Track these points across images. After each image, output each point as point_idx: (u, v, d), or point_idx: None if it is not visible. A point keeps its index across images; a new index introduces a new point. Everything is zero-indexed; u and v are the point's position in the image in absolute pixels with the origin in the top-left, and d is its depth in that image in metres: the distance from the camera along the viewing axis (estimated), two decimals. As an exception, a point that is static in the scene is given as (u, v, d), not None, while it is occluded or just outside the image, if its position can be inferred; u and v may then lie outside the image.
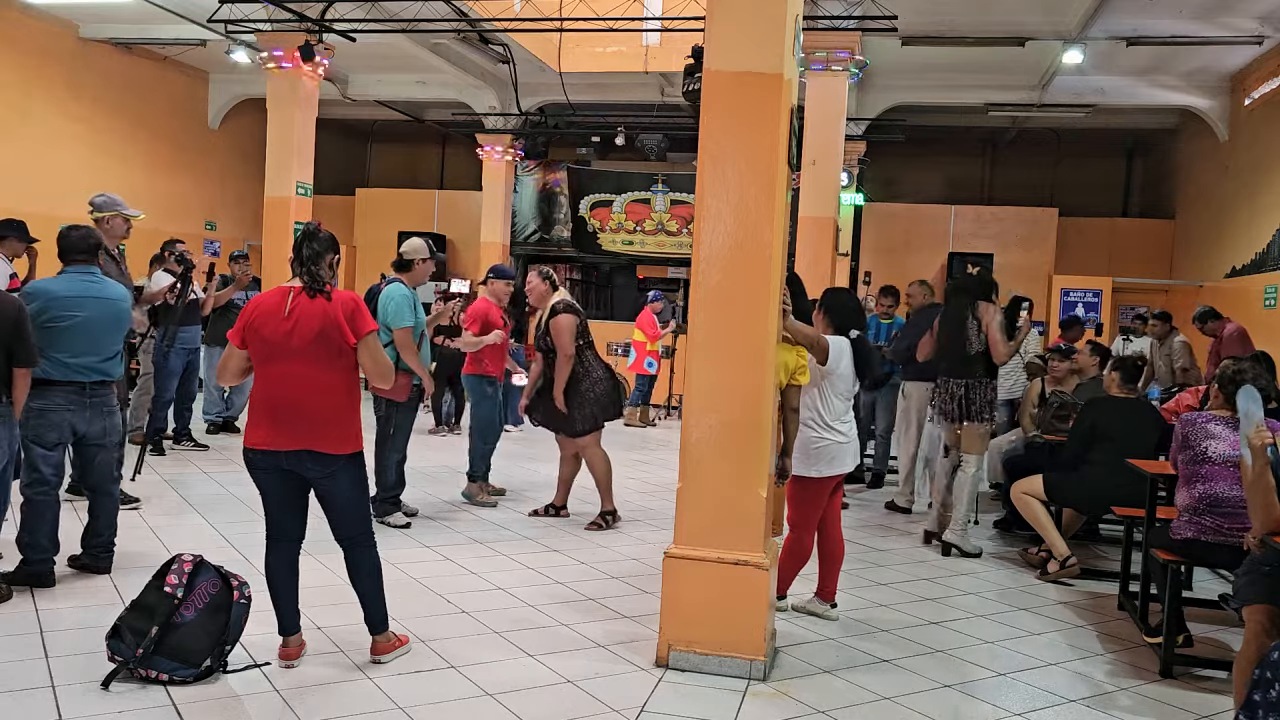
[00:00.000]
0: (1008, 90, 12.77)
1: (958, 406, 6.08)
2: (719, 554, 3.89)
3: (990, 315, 6.04)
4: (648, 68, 12.71)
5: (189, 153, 14.51)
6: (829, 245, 9.58)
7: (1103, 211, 15.95)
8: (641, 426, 11.95)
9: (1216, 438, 4.30)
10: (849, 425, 4.74)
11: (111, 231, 5.99)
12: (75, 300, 4.61)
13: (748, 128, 3.87)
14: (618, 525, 6.37)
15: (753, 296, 3.90)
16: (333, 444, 3.63)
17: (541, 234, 16.84)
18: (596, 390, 6.29)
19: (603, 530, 6.28)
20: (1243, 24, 10.03)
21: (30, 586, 4.46)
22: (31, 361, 4.28)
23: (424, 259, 6.15)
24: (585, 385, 6.26)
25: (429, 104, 15.59)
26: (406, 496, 6.43)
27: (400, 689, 3.61)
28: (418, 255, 6.14)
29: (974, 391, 6.05)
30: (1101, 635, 4.77)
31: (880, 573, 5.69)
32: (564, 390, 6.20)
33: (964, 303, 6.16)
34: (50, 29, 12.03)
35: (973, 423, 6.08)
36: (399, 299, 5.81)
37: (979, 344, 6.04)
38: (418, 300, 6.04)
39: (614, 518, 6.42)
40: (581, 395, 6.25)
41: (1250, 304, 11.07)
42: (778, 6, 3.83)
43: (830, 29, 9.18)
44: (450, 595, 4.79)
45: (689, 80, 8.01)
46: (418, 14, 10.08)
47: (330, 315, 3.61)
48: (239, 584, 3.75)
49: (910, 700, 3.79)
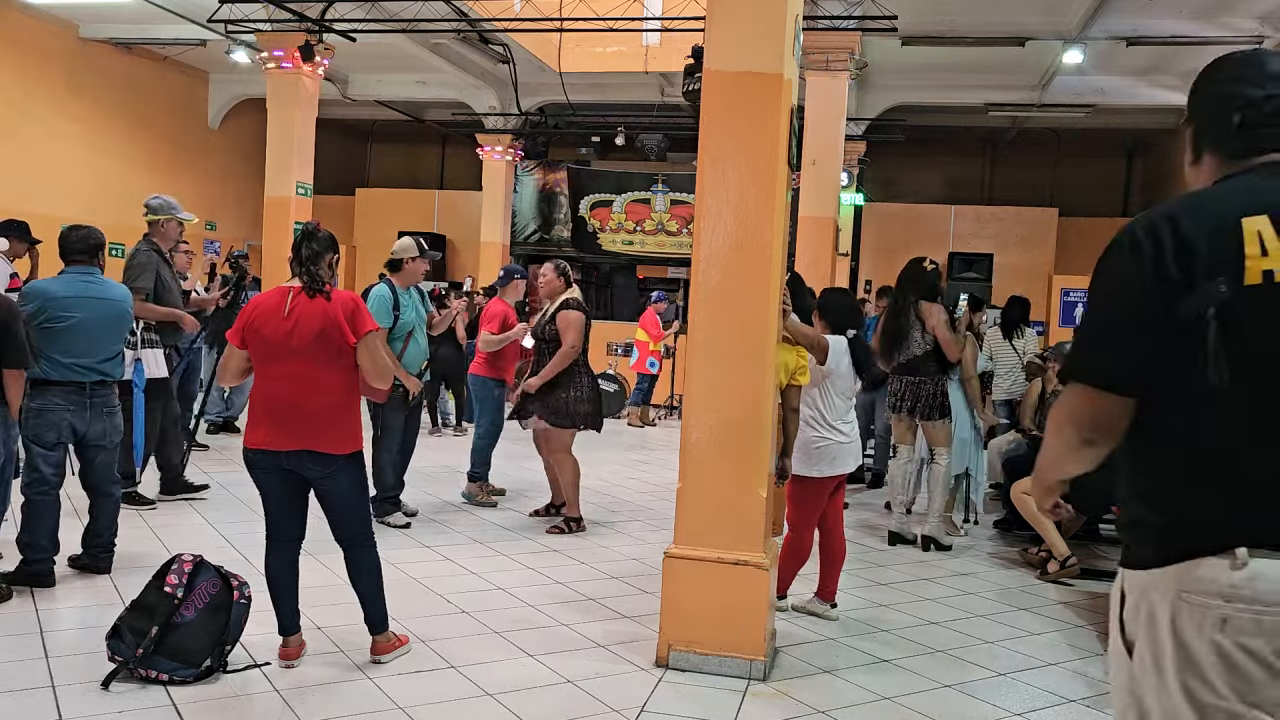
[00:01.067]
0: (1008, 90, 12.77)
1: (906, 403, 6.17)
2: (719, 554, 3.89)
3: (935, 315, 6.09)
4: (648, 68, 12.71)
5: (189, 153, 14.50)
6: (829, 245, 9.59)
7: (1103, 211, 15.94)
8: (641, 426, 11.95)
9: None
10: (851, 425, 4.74)
11: (165, 235, 6.06)
12: (72, 300, 4.60)
13: (748, 128, 3.87)
14: (580, 533, 6.21)
15: (753, 296, 3.90)
16: (332, 444, 3.63)
17: (541, 234, 16.85)
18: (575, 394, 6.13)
19: (564, 535, 6.14)
20: (1243, 24, 10.03)
21: (30, 586, 4.46)
22: (22, 363, 4.26)
23: (413, 257, 6.03)
24: (571, 392, 6.12)
25: (429, 104, 15.59)
26: (406, 496, 6.43)
27: (400, 689, 3.61)
28: (406, 254, 6.03)
29: (923, 389, 6.11)
30: (1101, 635, 4.76)
31: (880, 573, 5.69)
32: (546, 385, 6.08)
33: (905, 296, 6.17)
34: (50, 29, 12.03)
35: (927, 421, 6.15)
36: (376, 300, 5.77)
37: (925, 343, 6.09)
38: (409, 300, 6.00)
39: (578, 525, 6.26)
40: (565, 395, 6.12)
41: (1250, 304, 11.06)
42: (778, 6, 3.83)
43: (830, 29, 9.19)
44: (450, 595, 4.79)
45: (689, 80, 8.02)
46: (418, 14, 10.08)
47: (330, 315, 3.62)
48: (239, 584, 3.75)
49: (910, 700, 3.79)
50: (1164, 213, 1.68)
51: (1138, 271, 1.65)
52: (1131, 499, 1.80)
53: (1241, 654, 1.58)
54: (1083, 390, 1.72)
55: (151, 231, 6.09)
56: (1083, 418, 1.73)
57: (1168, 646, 1.65)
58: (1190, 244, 1.62)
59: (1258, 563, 1.58)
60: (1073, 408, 1.74)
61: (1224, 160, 1.79)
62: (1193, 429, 1.66)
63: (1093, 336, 1.75)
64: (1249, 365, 1.60)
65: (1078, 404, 1.73)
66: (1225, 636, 1.59)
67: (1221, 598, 1.59)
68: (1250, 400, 1.61)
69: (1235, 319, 1.59)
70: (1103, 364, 1.71)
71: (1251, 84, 1.76)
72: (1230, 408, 1.62)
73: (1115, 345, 1.69)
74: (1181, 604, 1.63)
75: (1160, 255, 1.63)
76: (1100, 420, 1.71)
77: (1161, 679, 1.66)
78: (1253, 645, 1.58)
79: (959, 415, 6.53)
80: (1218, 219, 1.64)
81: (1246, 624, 1.58)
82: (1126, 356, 1.67)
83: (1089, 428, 1.73)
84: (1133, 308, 1.66)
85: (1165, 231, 1.65)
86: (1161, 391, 1.67)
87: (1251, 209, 1.63)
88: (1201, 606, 1.61)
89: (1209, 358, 1.59)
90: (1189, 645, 1.62)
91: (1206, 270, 1.60)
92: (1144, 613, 1.69)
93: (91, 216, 6.26)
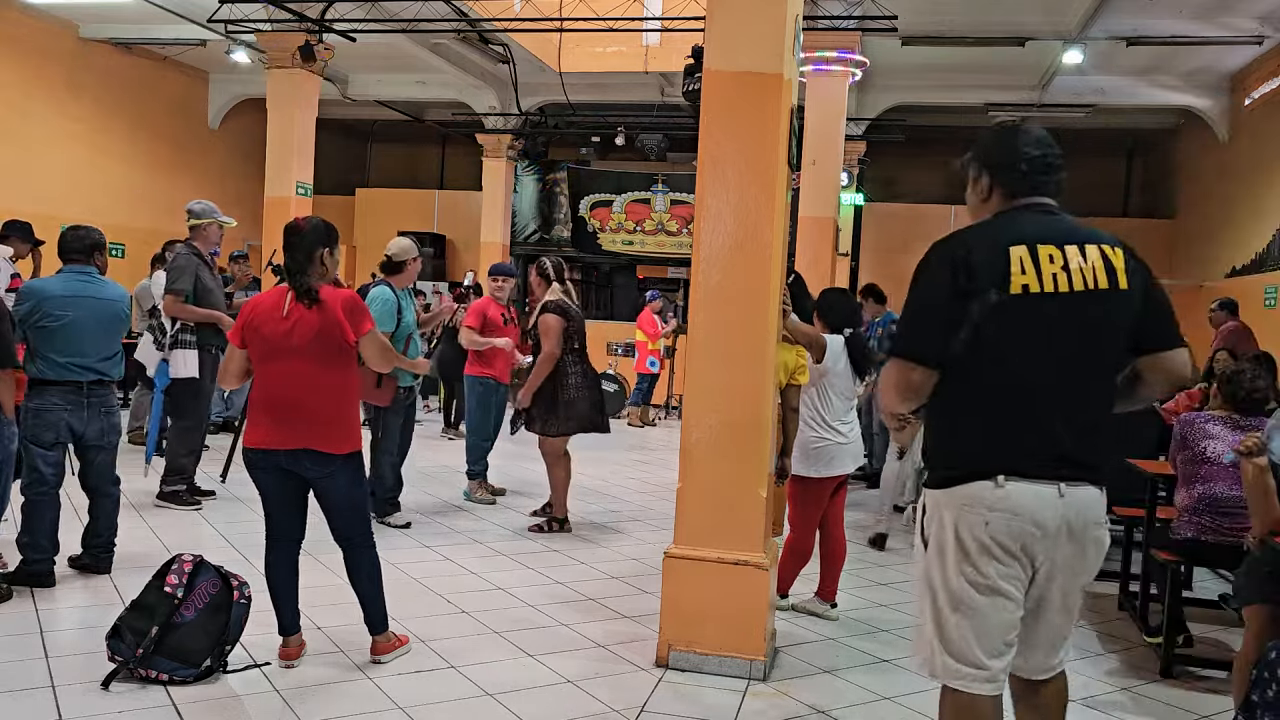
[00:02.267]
0: (1008, 90, 12.76)
1: None
2: (719, 554, 3.89)
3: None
4: (648, 68, 12.70)
5: (189, 153, 14.49)
6: (829, 245, 9.59)
7: (1103, 211, 15.91)
8: (641, 426, 11.95)
9: (1215, 438, 4.30)
10: (850, 425, 4.73)
11: (206, 238, 6.19)
12: (67, 300, 4.58)
13: (748, 128, 3.87)
14: (564, 533, 6.17)
15: (753, 296, 3.89)
16: (331, 443, 3.63)
17: (541, 234, 16.84)
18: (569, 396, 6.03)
19: (544, 534, 6.12)
20: (1243, 24, 10.02)
21: (30, 586, 4.46)
22: (7, 362, 4.26)
23: (414, 258, 6.00)
24: (560, 393, 6.01)
25: (429, 104, 15.58)
26: (406, 497, 6.43)
27: (400, 689, 3.61)
28: (408, 255, 5.96)
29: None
30: (1101, 635, 4.76)
31: (880, 573, 5.69)
32: (538, 390, 6.00)
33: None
34: (50, 29, 12.03)
35: None
36: (380, 304, 5.69)
37: None
38: (408, 301, 5.96)
39: (561, 525, 6.22)
40: (552, 400, 6.02)
41: (1250, 304, 11.05)
42: (778, 6, 3.83)
43: (830, 29, 9.19)
44: (450, 595, 4.79)
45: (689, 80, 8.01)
46: (418, 14, 10.08)
47: (330, 313, 3.61)
48: (239, 584, 3.75)
49: (910, 700, 3.79)
50: (960, 240, 2.38)
51: (942, 283, 2.33)
52: (934, 437, 2.49)
53: (997, 546, 2.33)
54: (903, 364, 2.40)
55: (192, 235, 6.21)
56: (902, 383, 2.40)
57: (950, 542, 2.37)
58: (975, 265, 2.31)
59: (1010, 485, 2.31)
60: (895, 376, 2.42)
61: (1006, 198, 2.46)
62: (972, 395, 2.37)
63: (910, 328, 2.44)
64: (1007, 351, 2.32)
65: (899, 373, 2.41)
66: (987, 534, 2.32)
67: (986, 508, 2.32)
68: (1007, 376, 2.33)
69: (1001, 319, 2.30)
70: (917, 347, 2.39)
71: (1029, 146, 2.45)
72: (994, 380, 2.35)
73: (925, 335, 2.38)
74: (961, 513, 2.35)
75: (956, 272, 2.31)
76: (914, 386, 2.39)
77: (944, 563, 2.39)
78: (1004, 540, 2.32)
79: None
80: (993, 247, 2.33)
81: (1001, 526, 2.32)
82: (933, 343, 2.35)
83: (905, 389, 2.41)
84: (938, 310, 2.35)
85: (960, 255, 2.33)
86: (953, 367, 2.35)
87: (1015, 240, 2.33)
88: (974, 514, 2.33)
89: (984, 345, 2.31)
90: (964, 540, 2.35)
91: (986, 284, 2.29)
92: (936, 520, 2.41)
93: (91, 216, 6.28)
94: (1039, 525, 2.31)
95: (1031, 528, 2.31)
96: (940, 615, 2.39)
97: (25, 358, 4.54)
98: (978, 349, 2.30)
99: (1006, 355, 2.31)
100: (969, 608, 2.35)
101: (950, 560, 2.36)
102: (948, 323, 2.31)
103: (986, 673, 2.36)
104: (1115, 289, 2.36)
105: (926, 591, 2.43)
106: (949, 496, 2.37)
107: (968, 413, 2.38)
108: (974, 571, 2.34)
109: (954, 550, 2.35)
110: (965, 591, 2.35)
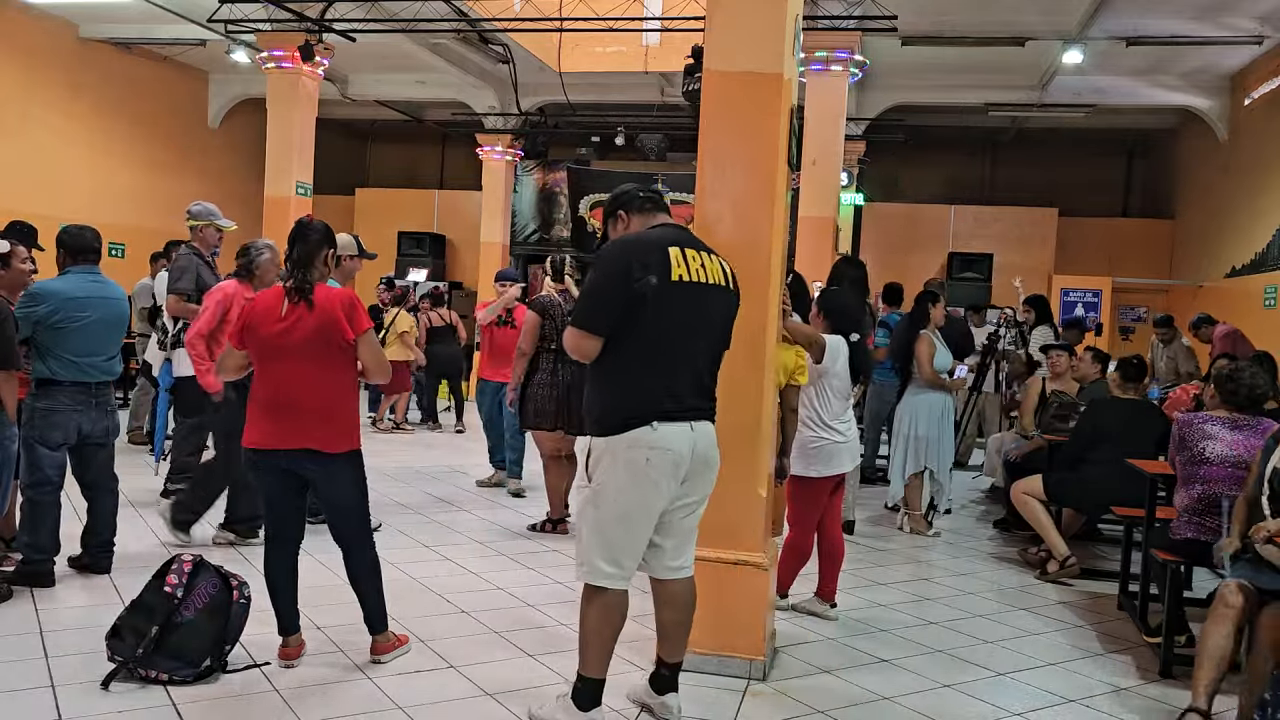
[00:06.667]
0: (1008, 90, 12.75)
1: None
2: (719, 554, 3.89)
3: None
4: (648, 68, 12.69)
5: (189, 153, 14.48)
6: (829, 245, 9.58)
7: (1102, 211, 15.92)
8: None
9: (1214, 438, 4.30)
10: (848, 425, 4.74)
11: (205, 240, 6.19)
12: (85, 300, 4.60)
13: (747, 128, 3.87)
14: (557, 533, 6.17)
15: (753, 296, 3.88)
16: (331, 442, 3.64)
17: (541, 234, 16.82)
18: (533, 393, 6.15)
19: (543, 534, 6.14)
20: (1243, 24, 10.02)
21: (30, 586, 4.46)
22: (11, 364, 4.27)
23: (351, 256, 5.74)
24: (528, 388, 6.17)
25: (429, 104, 15.57)
26: (406, 496, 6.42)
27: (400, 689, 3.61)
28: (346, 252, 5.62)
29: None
30: (1101, 635, 4.77)
31: (880, 573, 5.69)
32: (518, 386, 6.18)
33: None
34: (50, 29, 12.02)
35: None
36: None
37: None
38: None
39: (554, 526, 6.23)
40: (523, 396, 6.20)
41: (1250, 304, 11.07)
42: (778, 6, 3.83)
43: (830, 29, 9.18)
44: (450, 595, 4.79)
45: (689, 80, 8.02)
46: (418, 14, 10.07)
47: (328, 312, 3.61)
48: (239, 584, 3.75)
49: (910, 700, 3.80)
50: (632, 241, 3.18)
51: (615, 271, 3.06)
52: (600, 397, 3.15)
53: (657, 474, 3.07)
54: (581, 332, 3.08)
55: (192, 236, 6.24)
56: (581, 347, 3.09)
57: (622, 476, 3.07)
58: (644, 259, 3.05)
59: (662, 428, 3.06)
60: (575, 340, 3.10)
61: (640, 221, 3.30)
62: (633, 358, 3.07)
63: (590, 304, 3.11)
64: (661, 326, 3.06)
65: (579, 339, 3.09)
66: (650, 468, 3.06)
67: (648, 446, 3.06)
68: (659, 345, 3.07)
69: (659, 300, 3.03)
70: (593, 320, 3.08)
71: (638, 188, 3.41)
72: (650, 348, 3.07)
73: (600, 310, 3.07)
74: (628, 452, 3.06)
75: (629, 263, 3.04)
76: (588, 349, 3.09)
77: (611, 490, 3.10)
78: (663, 470, 3.08)
79: (915, 414, 6.53)
80: (657, 246, 3.10)
81: (658, 459, 3.07)
82: (605, 316, 3.06)
83: (581, 353, 3.10)
84: (612, 291, 3.05)
85: (632, 252, 3.09)
86: (619, 337, 3.06)
87: (671, 243, 3.12)
88: (638, 451, 3.05)
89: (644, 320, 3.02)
90: (633, 473, 3.07)
91: (650, 273, 3.02)
92: (605, 460, 3.10)
93: (91, 216, 6.27)
94: (681, 454, 3.09)
95: (677, 456, 3.08)
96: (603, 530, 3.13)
97: (32, 358, 4.53)
98: (637, 323, 3.02)
99: (658, 330, 3.04)
100: (627, 526, 3.11)
101: (615, 487, 3.07)
102: (617, 303, 3.03)
103: (624, 572, 3.18)
104: (727, 288, 3.24)
105: (593, 513, 3.14)
106: (618, 441, 3.07)
107: (626, 373, 3.07)
108: (639, 501, 3.09)
109: (623, 482, 3.07)
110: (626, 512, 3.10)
